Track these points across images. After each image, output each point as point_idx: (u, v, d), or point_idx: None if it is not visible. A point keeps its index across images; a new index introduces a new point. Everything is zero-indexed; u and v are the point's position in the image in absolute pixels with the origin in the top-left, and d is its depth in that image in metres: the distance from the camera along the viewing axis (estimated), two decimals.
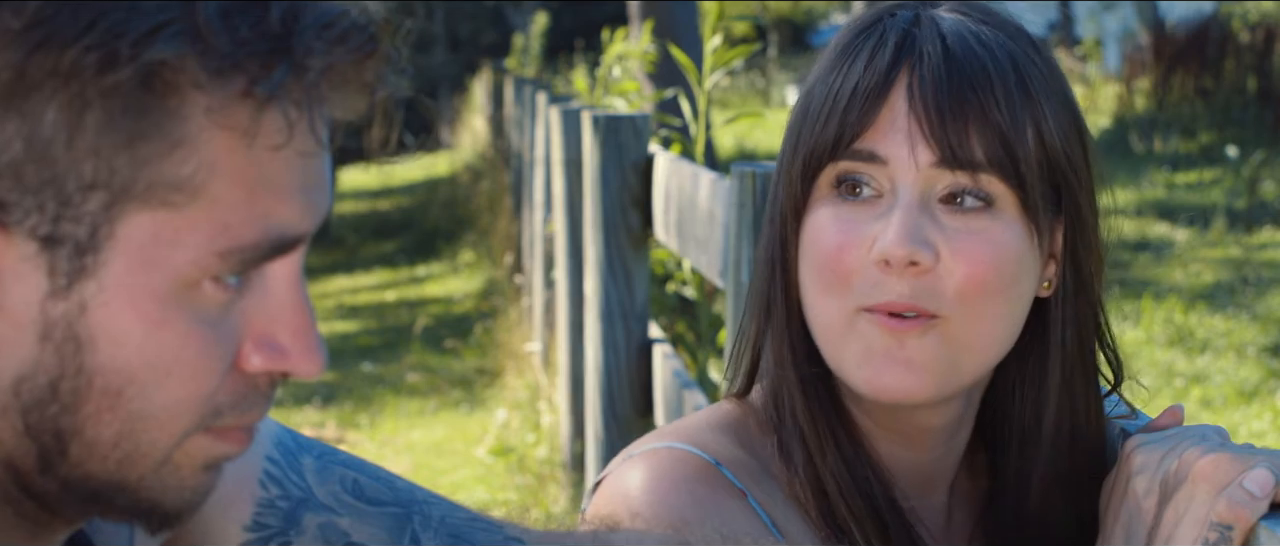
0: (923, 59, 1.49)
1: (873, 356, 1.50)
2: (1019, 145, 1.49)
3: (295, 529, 1.33)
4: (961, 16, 1.53)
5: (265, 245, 1.05)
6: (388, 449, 8.42)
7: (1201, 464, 1.42)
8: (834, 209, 1.52)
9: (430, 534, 1.35)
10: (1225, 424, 7.65)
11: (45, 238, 1.02)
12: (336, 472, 1.36)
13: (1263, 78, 17.25)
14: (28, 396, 1.04)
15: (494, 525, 1.37)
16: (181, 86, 1.01)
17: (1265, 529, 1.36)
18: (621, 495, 1.52)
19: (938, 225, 1.49)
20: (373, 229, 19.81)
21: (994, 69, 1.49)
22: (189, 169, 1.02)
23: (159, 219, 1.03)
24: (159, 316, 1.04)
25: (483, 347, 10.74)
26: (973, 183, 1.49)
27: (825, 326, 1.53)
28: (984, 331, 1.51)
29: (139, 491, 1.08)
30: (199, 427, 1.08)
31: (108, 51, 0.99)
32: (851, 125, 1.49)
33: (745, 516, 1.52)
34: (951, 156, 1.48)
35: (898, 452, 1.60)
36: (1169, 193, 13.88)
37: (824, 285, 1.52)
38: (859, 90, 1.49)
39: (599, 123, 4.15)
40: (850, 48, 1.53)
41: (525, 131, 10.89)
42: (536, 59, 18.56)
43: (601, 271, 4.18)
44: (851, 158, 1.50)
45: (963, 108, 1.48)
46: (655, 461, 1.54)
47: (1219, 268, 11.02)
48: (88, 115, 1.00)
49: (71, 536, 1.15)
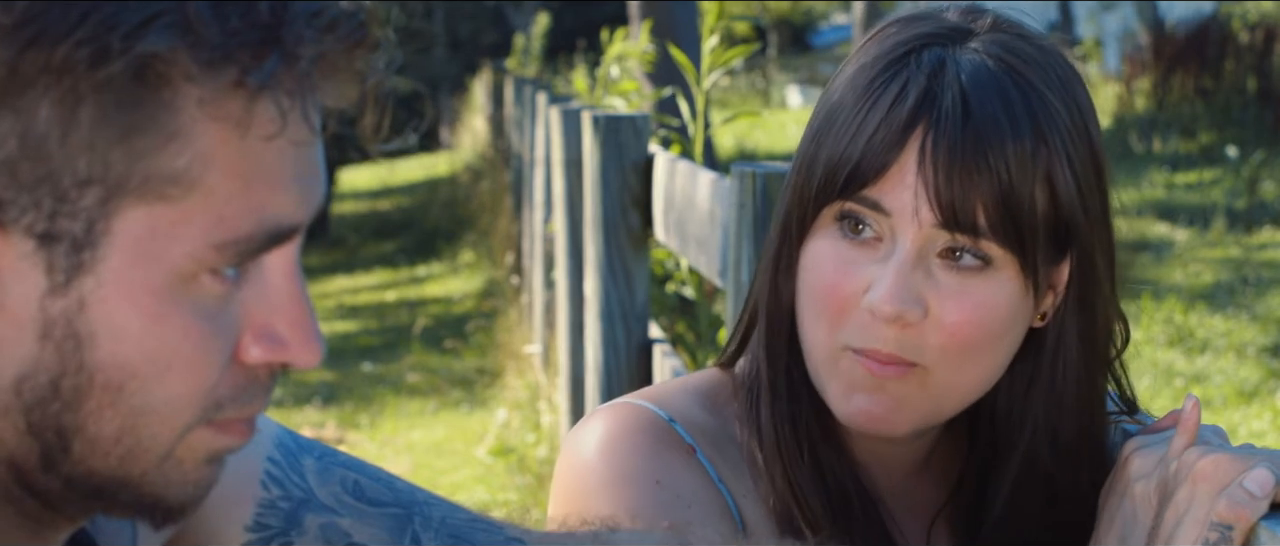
0: (939, 118, 1.49)
1: (855, 393, 1.53)
2: (1024, 211, 1.49)
3: (296, 529, 1.33)
4: (990, 59, 1.52)
5: (261, 236, 1.05)
6: (388, 449, 8.42)
7: (1202, 464, 1.42)
8: (835, 244, 1.54)
9: (431, 534, 1.35)
10: (1225, 424, 7.65)
11: (42, 235, 1.02)
12: (337, 473, 1.36)
13: (1263, 78, 17.25)
14: (29, 395, 1.04)
15: (495, 525, 1.37)
16: (173, 79, 1.01)
17: (1265, 529, 1.36)
18: (578, 447, 1.57)
19: (932, 279, 1.51)
20: (373, 229, 19.80)
21: (1010, 130, 1.49)
22: (183, 161, 1.02)
23: (155, 213, 1.03)
24: (158, 311, 1.04)
25: (483, 348, 10.74)
26: (972, 243, 1.50)
27: (812, 350, 1.56)
28: (966, 379, 1.54)
29: (142, 486, 1.08)
30: (200, 421, 1.08)
31: (99, 46, 0.99)
32: (862, 172, 1.51)
33: (691, 471, 1.56)
34: (954, 220, 1.49)
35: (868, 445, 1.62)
36: (1169, 193, 13.88)
37: (815, 314, 1.55)
38: (874, 142, 1.50)
39: (599, 123, 4.15)
40: (874, 84, 1.52)
41: (525, 131, 10.89)
42: (537, 59, 18.56)
43: (601, 271, 4.18)
44: (858, 201, 1.52)
45: (971, 173, 1.48)
46: (612, 416, 1.58)
47: (1219, 268, 11.03)
48: (81, 110, 1.00)
49: (74, 535, 1.15)
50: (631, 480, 1.54)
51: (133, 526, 1.25)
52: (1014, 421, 1.59)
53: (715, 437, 1.60)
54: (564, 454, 1.60)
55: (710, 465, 1.58)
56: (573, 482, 1.57)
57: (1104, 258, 1.57)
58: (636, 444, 1.56)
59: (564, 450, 1.60)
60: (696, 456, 1.58)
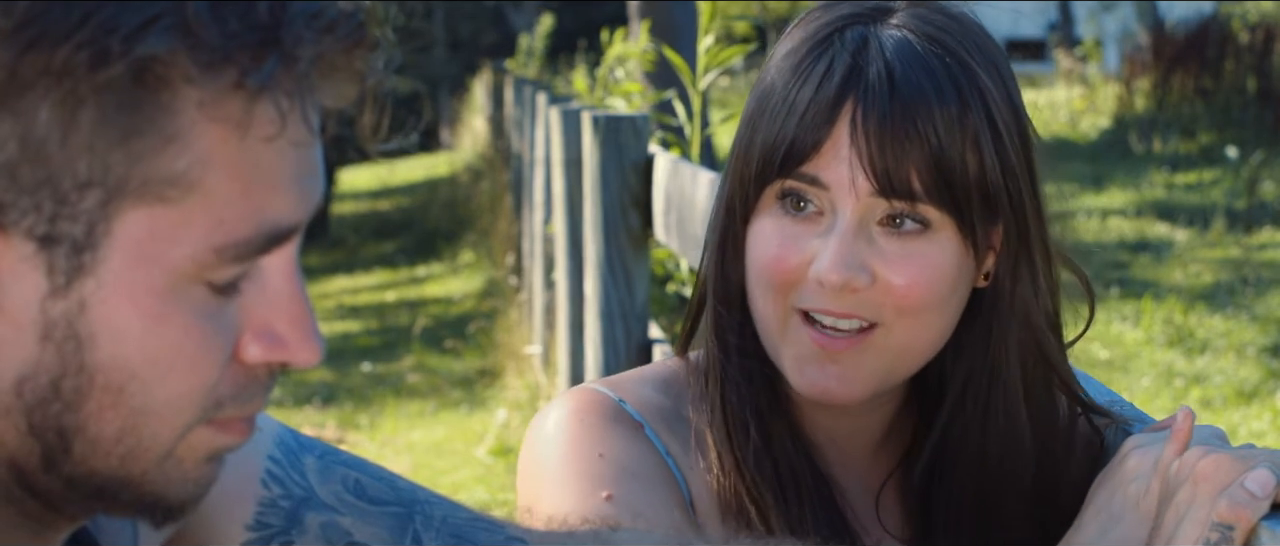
0: (867, 90, 1.55)
1: (805, 362, 1.60)
2: (956, 173, 1.55)
3: (297, 528, 1.33)
4: (911, 34, 1.58)
5: (260, 239, 1.05)
6: (388, 449, 8.42)
7: (1202, 464, 1.42)
8: (777, 221, 1.60)
9: (432, 534, 1.35)
10: (1225, 424, 7.65)
11: (43, 237, 1.02)
12: (338, 472, 1.36)
13: (1262, 78, 17.25)
14: (30, 396, 1.04)
15: (495, 525, 1.38)
16: (173, 81, 1.01)
17: (1266, 529, 1.36)
18: (536, 429, 1.67)
19: (875, 248, 1.57)
20: (373, 229, 19.81)
21: (935, 97, 1.55)
22: (183, 164, 1.02)
23: (155, 214, 1.03)
24: (159, 312, 1.04)
25: (483, 348, 10.74)
26: (910, 209, 1.56)
27: (764, 322, 1.62)
28: (919, 337, 1.60)
29: (143, 485, 1.08)
30: (201, 420, 1.08)
31: (99, 48, 0.99)
32: (797, 149, 1.57)
33: (637, 444, 1.64)
34: (890, 187, 1.55)
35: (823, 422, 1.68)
36: (1169, 193, 13.88)
37: (763, 287, 1.61)
38: (806, 119, 1.56)
39: (599, 123, 4.15)
40: (802, 66, 1.59)
41: (525, 132, 10.89)
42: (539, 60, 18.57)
43: (601, 271, 4.18)
44: (796, 178, 1.58)
45: (902, 141, 1.54)
46: (568, 399, 1.67)
47: (1218, 268, 11.03)
48: (81, 113, 1.00)
49: (74, 534, 1.15)
50: (579, 454, 1.62)
51: (133, 526, 1.25)
52: (959, 381, 1.64)
53: (665, 416, 1.67)
54: (526, 436, 1.69)
55: (657, 440, 1.65)
56: (529, 460, 1.66)
57: (1035, 217, 1.62)
58: (586, 421, 1.64)
59: (527, 433, 1.69)
60: (644, 432, 1.65)
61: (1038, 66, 28.97)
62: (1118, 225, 12.58)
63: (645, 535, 1.42)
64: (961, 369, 1.64)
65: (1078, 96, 19.61)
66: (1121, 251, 11.70)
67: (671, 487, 1.63)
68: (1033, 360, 1.64)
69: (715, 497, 1.64)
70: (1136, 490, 1.48)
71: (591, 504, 1.58)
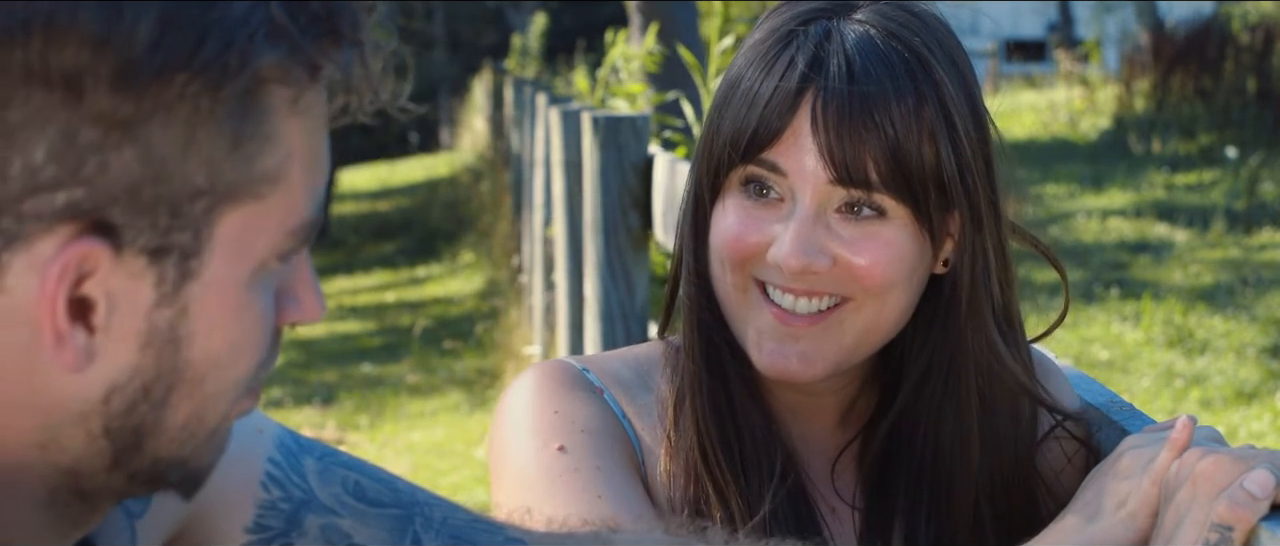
0: (827, 82, 1.61)
1: (766, 339, 1.66)
2: (912, 164, 1.62)
3: (297, 530, 1.33)
4: (872, 28, 1.64)
5: (316, 214, 1.09)
6: (388, 450, 8.42)
7: (1202, 465, 1.42)
8: (739, 204, 1.67)
9: (432, 535, 1.35)
10: (1225, 424, 7.65)
11: (155, 250, 1.02)
12: (338, 474, 1.36)
13: (1262, 78, 17.25)
14: (119, 402, 1.05)
15: (495, 526, 1.38)
16: (269, 83, 1.03)
17: (1266, 530, 1.36)
18: (504, 399, 1.75)
19: (832, 232, 1.64)
20: (373, 230, 19.81)
21: (893, 91, 1.61)
22: (277, 160, 1.05)
23: (248, 211, 1.05)
24: (242, 302, 1.06)
25: (483, 348, 10.75)
26: (866, 197, 1.62)
27: (725, 297, 1.69)
28: (881, 316, 1.66)
29: (190, 462, 1.10)
30: (246, 393, 1.10)
31: (218, 68, 1.01)
32: (759, 137, 1.63)
33: (592, 405, 1.71)
34: (847, 176, 1.61)
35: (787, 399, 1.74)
36: (1168, 193, 13.88)
37: (723, 264, 1.68)
38: (770, 105, 1.63)
39: (599, 124, 4.15)
40: (767, 57, 1.65)
41: (525, 133, 10.89)
42: (536, 60, 18.56)
43: (601, 272, 4.18)
44: (758, 164, 1.64)
45: (860, 132, 1.60)
46: (536, 369, 1.76)
47: (1218, 268, 11.03)
48: (201, 130, 1.01)
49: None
50: (535, 411, 1.70)
51: (132, 527, 1.25)
52: (920, 365, 1.70)
53: (626, 386, 1.75)
54: (500, 403, 1.77)
55: (616, 405, 1.73)
56: (496, 429, 1.74)
57: (990, 210, 1.67)
58: (546, 386, 1.72)
59: (500, 402, 1.77)
60: (602, 397, 1.73)
61: (1038, 66, 28.96)
62: (1118, 226, 12.58)
63: (645, 536, 1.42)
64: (924, 354, 1.70)
65: (1077, 97, 19.61)
66: (1121, 252, 11.70)
67: (625, 445, 1.70)
68: (984, 347, 1.69)
69: (671, 464, 1.70)
70: (1124, 489, 1.48)
71: (545, 456, 1.66)
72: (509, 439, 1.70)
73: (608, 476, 1.65)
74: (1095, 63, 22.54)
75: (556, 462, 1.65)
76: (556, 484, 1.64)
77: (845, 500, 1.75)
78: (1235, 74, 17.46)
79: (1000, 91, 22.38)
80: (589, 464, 1.65)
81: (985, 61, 27.56)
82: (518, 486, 1.66)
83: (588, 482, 1.64)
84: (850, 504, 1.75)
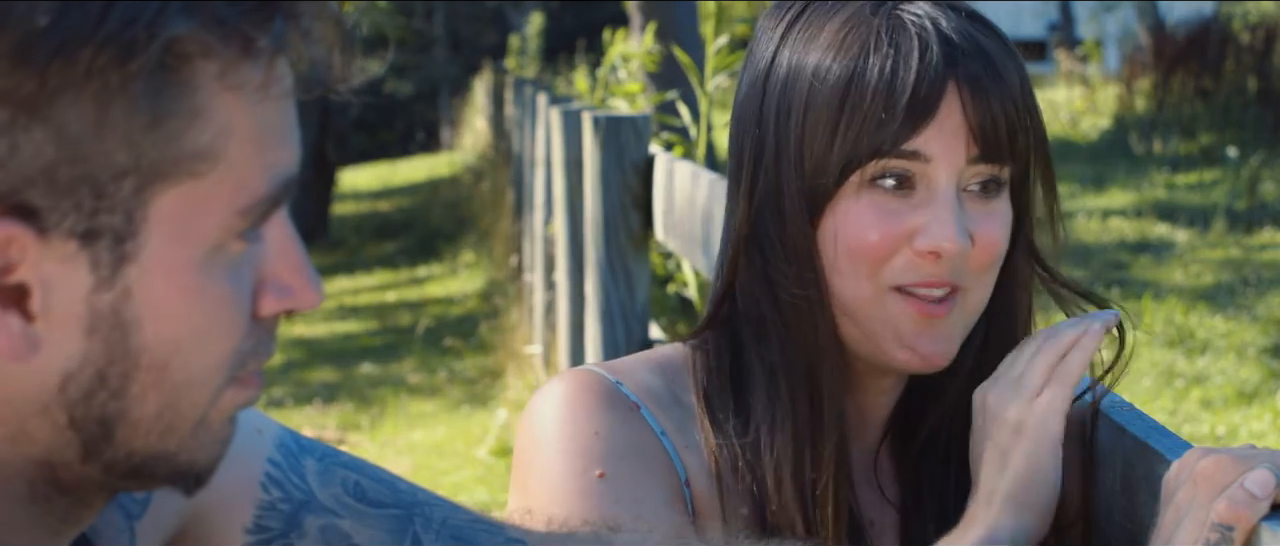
0: (964, 63, 1.61)
1: (909, 336, 1.63)
2: (1029, 134, 1.65)
3: (297, 531, 1.33)
4: (948, 12, 1.65)
5: (275, 193, 1.07)
6: (389, 450, 8.42)
7: (1202, 465, 1.42)
8: (872, 200, 1.62)
9: (432, 535, 1.35)
10: (1225, 424, 7.64)
11: (84, 233, 1.02)
12: (338, 474, 1.36)
13: (1263, 78, 17.24)
14: (75, 391, 1.04)
15: (496, 526, 1.38)
16: (193, 58, 1.02)
17: (1267, 530, 1.36)
18: (533, 409, 1.68)
19: (965, 210, 1.63)
20: (374, 230, 19.81)
21: (1009, 59, 1.64)
22: (208, 136, 1.03)
23: (185, 190, 1.03)
24: (197, 283, 1.05)
25: (484, 348, 10.75)
26: (999, 171, 1.64)
27: (852, 302, 1.64)
28: (986, 294, 1.67)
29: (178, 456, 1.09)
30: (229, 381, 1.09)
31: (125, 41, 1.00)
32: (904, 128, 1.60)
33: (632, 425, 1.66)
34: (993, 152, 1.62)
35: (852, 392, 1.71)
36: (1169, 193, 13.88)
37: (854, 268, 1.63)
38: (917, 94, 1.60)
39: (599, 123, 4.15)
40: (878, 46, 1.61)
41: (526, 132, 10.89)
42: (535, 59, 18.55)
43: (602, 272, 4.17)
44: (899, 156, 1.61)
45: (997, 108, 1.61)
46: (564, 380, 1.69)
47: (1219, 268, 11.02)
48: (113, 106, 1.00)
49: (74, 539, 1.15)
50: (574, 434, 1.64)
51: (132, 528, 1.25)
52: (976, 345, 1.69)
53: (661, 398, 1.69)
54: (523, 416, 1.70)
55: (654, 421, 1.67)
56: (526, 441, 1.67)
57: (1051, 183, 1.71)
58: (583, 401, 1.66)
59: (524, 413, 1.70)
60: (640, 413, 1.67)
61: (1038, 66, 28.95)
62: (1118, 226, 12.58)
63: (645, 537, 1.42)
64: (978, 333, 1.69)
65: (1078, 97, 19.60)
66: (1122, 252, 11.69)
67: (666, 470, 1.65)
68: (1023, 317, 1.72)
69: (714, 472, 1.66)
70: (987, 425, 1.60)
71: (584, 482, 1.61)
72: (543, 456, 1.64)
73: (646, 509, 1.60)
74: (1096, 63, 22.51)
75: (595, 490, 1.60)
76: (595, 512, 1.58)
77: (888, 498, 1.73)
78: (1236, 74, 17.46)
79: None
80: (629, 496, 1.61)
81: None
82: (552, 507, 1.59)
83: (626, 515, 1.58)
84: (893, 503, 1.73)
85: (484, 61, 24.37)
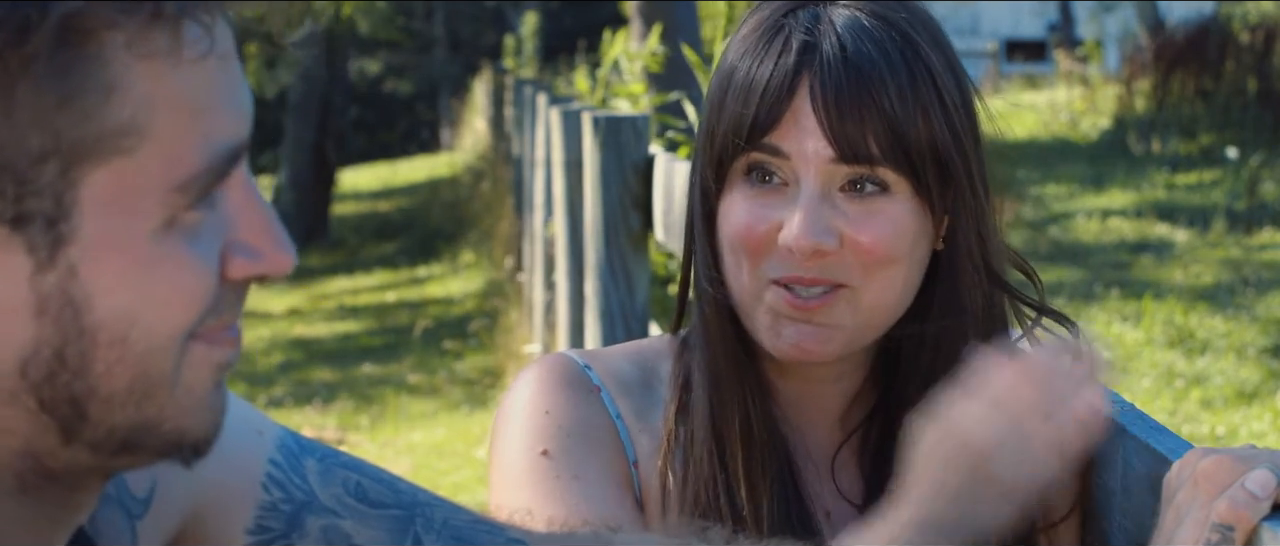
0: (822, 63, 1.65)
1: (781, 323, 1.68)
2: (910, 138, 1.65)
3: (297, 531, 1.33)
4: (859, 12, 1.69)
5: (217, 164, 1.06)
6: (388, 450, 8.42)
7: (1203, 465, 1.42)
8: (744, 193, 1.69)
9: (433, 536, 1.35)
10: (1225, 425, 7.65)
11: (13, 219, 1.01)
12: (339, 475, 1.36)
13: (1263, 79, 17.23)
14: (36, 374, 1.04)
15: (496, 527, 1.38)
16: (96, 31, 1.01)
17: (1267, 530, 1.36)
18: (510, 391, 1.77)
19: (839, 211, 1.66)
20: (373, 230, 19.82)
21: (886, 67, 1.66)
22: (128, 111, 1.02)
23: (116, 168, 1.02)
24: (153, 254, 1.04)
25: (484, 348, 10.75)
26: (870, 172, 1.66)
27: (738, 292, 1.70)
28: (887, 294, 1.69)
29: (163, 425, 1.08)
30: (187, 337, 1.07)
31: (17, 22, 0.98)
32: (760, 123, 1.66)
33: (588, 407, 1.73)
34: (850, 153, 1.64)
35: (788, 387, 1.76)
36: (1169, 193, 13.88)
37: (736, 258, 1.70)
38: (768, 91, 1.66)
39: (599, 124, 4.15)
40: (759, 46, 1.69)
41: (526, 132, 10.89)
42: (532, 59, 18.55)
43: (601, 272, 4.17)
44: (760, 150, 1.67)
45: (858, 108, 1.64)
46: (540, 364, 1.78)
47: (1219, 268, 11.03)
48: (17, 89, 0.99)
49: (73, 535, 1.15)
50: (528, 412, 1.72)
51: (133, 528, 1.25)
52: (919, 345, 1.72)
53: (628, 384, 1.76)
54: (504, 397, 1.79)
55: (612, 404, 1.74)
56: (496, 416, 1.77)
57: (981, 184, 1.72)
58: (543, 383, 1.74)
59: (505, 395, 1.79)
60: (599, 396, 1.74)
61: (1038, 67, 28.95)
62: (1118, 226, 12.58)
63: (646, 536, 1.42)
64: (930, 331, 1.72)
65: (1078, 97, 19.60)
66: (1122, 252, 11.70)
67: (615, 451, 1.72)
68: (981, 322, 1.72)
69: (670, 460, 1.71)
70: None
71: (529, 458, 1.69)
72: (503, 436, 1.73)
73: (585, 486, 1.67)
74: (1095, 63, 22.51)
75: (538, 466, 1.68)
76: (537, 488, 1.67)
77: (846, 498, 1.76)
78: (1236, 74, 17.45)
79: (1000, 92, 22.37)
80: (568, 473, 1.68)
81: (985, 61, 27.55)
82: (503, 486, 1.70)
83: (565, 491, 1.67)
84: (851, 502, 1.75)
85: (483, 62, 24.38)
